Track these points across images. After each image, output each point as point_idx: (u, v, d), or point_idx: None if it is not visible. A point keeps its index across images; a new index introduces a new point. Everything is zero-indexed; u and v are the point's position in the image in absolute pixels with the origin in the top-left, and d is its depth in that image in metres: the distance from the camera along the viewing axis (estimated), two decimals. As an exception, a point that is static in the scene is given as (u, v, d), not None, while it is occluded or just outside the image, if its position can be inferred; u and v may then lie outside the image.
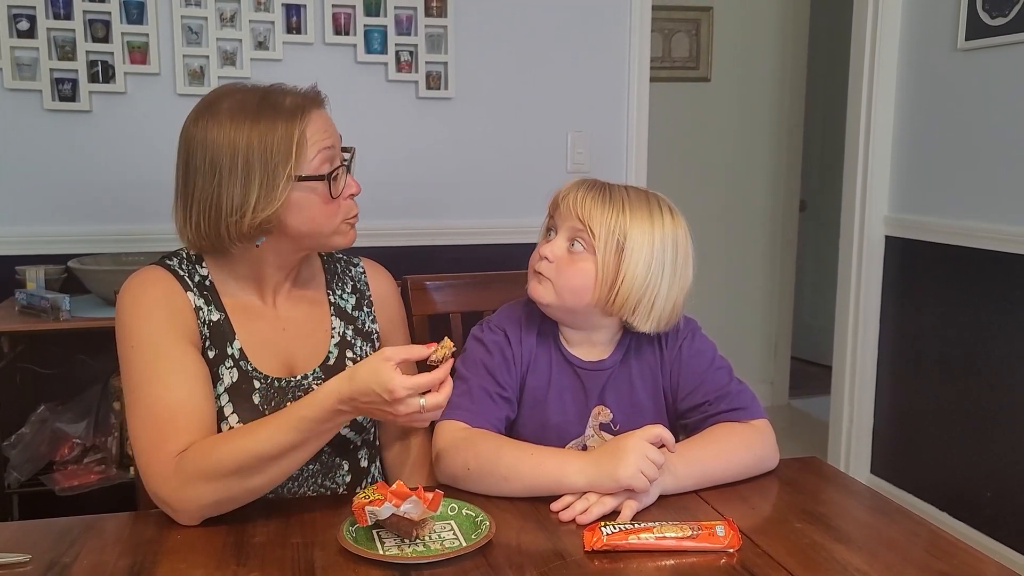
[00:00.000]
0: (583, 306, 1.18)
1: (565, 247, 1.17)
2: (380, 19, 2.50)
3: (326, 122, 1.15)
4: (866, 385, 2.91)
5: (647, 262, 1.14)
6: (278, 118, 1.10)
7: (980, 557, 0.97)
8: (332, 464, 1.25)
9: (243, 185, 1.09)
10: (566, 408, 1.23)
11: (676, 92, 3.71)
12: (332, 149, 1.14)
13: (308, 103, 1.13)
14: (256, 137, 1.09)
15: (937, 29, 2.60)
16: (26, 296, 2.09)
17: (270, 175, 1.09)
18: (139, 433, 1.07)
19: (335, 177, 1.14)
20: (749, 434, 1.18)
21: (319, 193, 1.13)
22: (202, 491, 1.01)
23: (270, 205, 1.09)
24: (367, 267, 1.36)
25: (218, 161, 1.09)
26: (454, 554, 0.93)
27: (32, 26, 2.28)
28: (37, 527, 1.03)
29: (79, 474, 2.14)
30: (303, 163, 1.11)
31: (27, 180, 2.35)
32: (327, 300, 1.28)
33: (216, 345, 1.16)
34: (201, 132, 1.10)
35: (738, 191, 3.88)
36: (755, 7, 3.78)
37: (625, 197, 1.17)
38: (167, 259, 1.19)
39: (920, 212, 2.71)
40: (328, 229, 1.17)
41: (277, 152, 1.09)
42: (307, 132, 1.11)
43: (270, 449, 1.01)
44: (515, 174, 2.68)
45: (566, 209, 1.17)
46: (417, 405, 0.97)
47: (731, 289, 3.92)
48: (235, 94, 1.13)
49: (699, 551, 0.96)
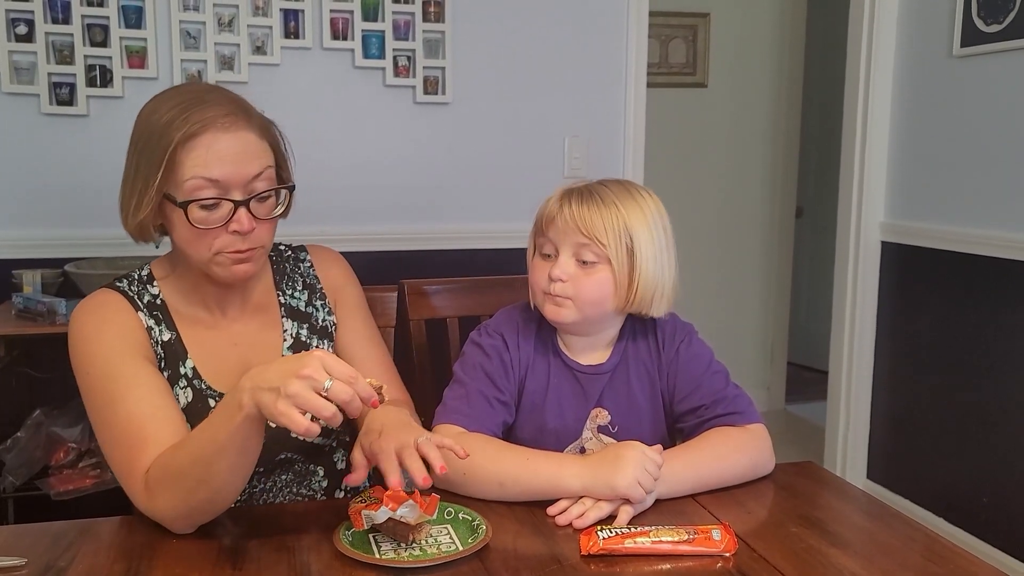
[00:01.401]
0: (604, 314, 1.19)
1: (574, 263, 1.16)
2: (378, 24, 2.50)
3: (222, 152, 1.05)
4: (862, 390, 2.92)
5: (654, 253, 1.16)
6: (168, 128, 1.04)
7: (976, 562, 0.97)
8: (306, 471, 1.23)
9: (131, 182, 1.08)
10: (564, 412, 1.23)
11: (673, 98, 3.73)
12: (214, 183, 1.05)
13: (207, 125, 1.05)
14: (146, 136, 1.06)
15: (932, 36, 2.61)
16: (22, 300, 2.09)
17: (144, 182, 1.06)
18: (111, 455, 1.06)
19: (209, 205, 1.06)
20: (745, 438, 1.18)
21: (182, 218, 1.07)
22: (164, 502, 0.98)
23: (139, 211, 1.07)
24: (314, 257, 1.31)
25: (131, 149, 1.09)
26: (451, 558, 0.93)
27: (30, 30, 2.28)
28: (32, 531, 1.03)
29: (74, 479, 2.13)
30: (172, 182, 1.06)
31: (24, 184, 2.35)
32: (277, 302, 1.24)
33: (169, 365, 1.14)
34: (140, 114, 1.10)
35: (735, 197, 3.89)
36: (752, 13, 3.80)
37: (612, 195, 1.16)
38: (118, 281, 1.18)
39: (916, 218, 2.71)
40: (198, 257, 1.10)
41: (153, 159, 1.05)
42: (181, 152, 1.04)
43: (199, 453, 0.96)
44: (512, 179, 2.68)
45: (564, 226, 1.15)
46: (324, 378, 0.87)
47: (728, 294, 3.93)
48: (178, 90, 1.11)
49: (695, 555, 0.96)
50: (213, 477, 0.96)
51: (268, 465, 1.19)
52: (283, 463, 1.21)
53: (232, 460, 0.95)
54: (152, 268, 1.20)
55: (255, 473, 1.16)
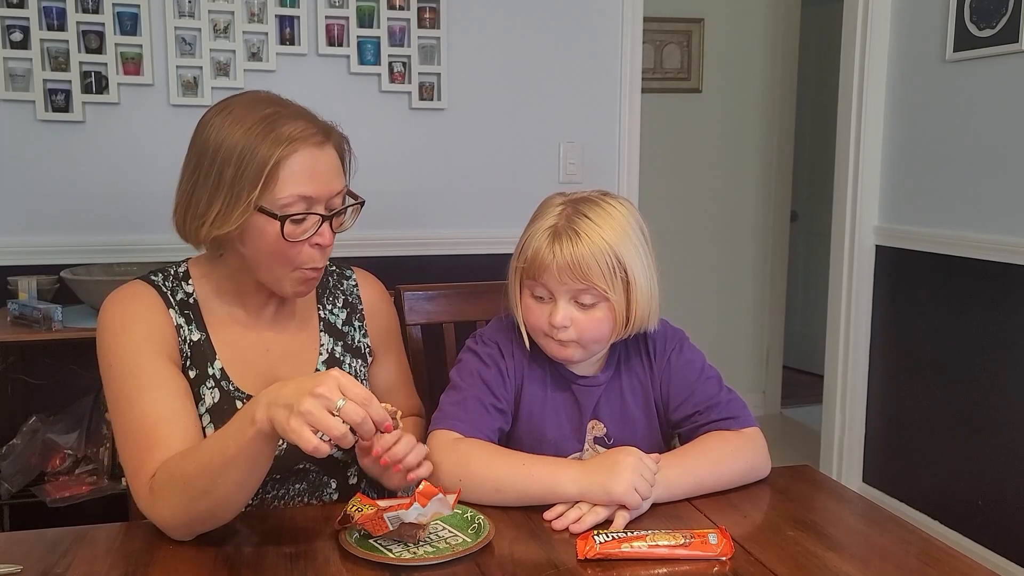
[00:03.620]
0: (606, 344, 1.20)
1: (574, 307, 1.15)
2: (373, 30, 2.51)
3: (317, 168, 1.08)
4: (858, 394, 2.92)
5: (643, 271, 1.16)
6: (265, 140, 1.05)
7: (972, 565, 0.97)
8: (320, 482, 1.23)
9: (210, 193, 1.06)
10: (561, 423, 1.24)
11: (667, 103, 3.74)
12: (309, 199, 1.07)
13: (304, 140, 1.06)
14: (238, 150, 1.05)
15: (925, 41, 2.62)
16: (18, 306, 2.08)
17: (234, 196, 1.05)
18: (123, 453, 1.06)
19: (299, 220, 1.08)
20: (740, 442, 1.18)
21: (275, 229, 1.07)
22: (169, 507, 0.98)
23: (226, 224, 1.06)
24: (359, 278, 1.33)
25: (203, 158, 1.07)
26: (466, 552, 0.94)
27: (26, 37, 2.28)
28: (28, 538, 1.02)
29: (70, 485, 2.13)
30: (269, 196, 1.06)
31: (20, 190, 2.35)
32: (316, 315, 1.26)
33: (196, 365, 1.14)
34: (204, 124, 1.09)
35: (729, 201, 3.90)
36: (746, 18, 3.81)
37: (595, 226, 1.13)
38: (153, 274, 1.17)
39: (910, 222, 2.72)
40: (276, 272, 1.11)
41: (247, 174, 1.04)
42: (282, 168, 1.05)
43: (208, 463, 0.96)
44: (508, 184, 2.69)
45: (560, 274, 1.13)
46: (336, 397, 0.88)
47: (723, 299, 3.93)
48: (254, 100, 1.10)
49: (692, 559, 0.96)
50: (218, 488, 0.95)
51: (284, 473, 1.19)
52: (299, 472, 1.21)
53: (240, 473, 0.95)
54: (189, 266, 1.20)
55: (270, 480, 1.18)
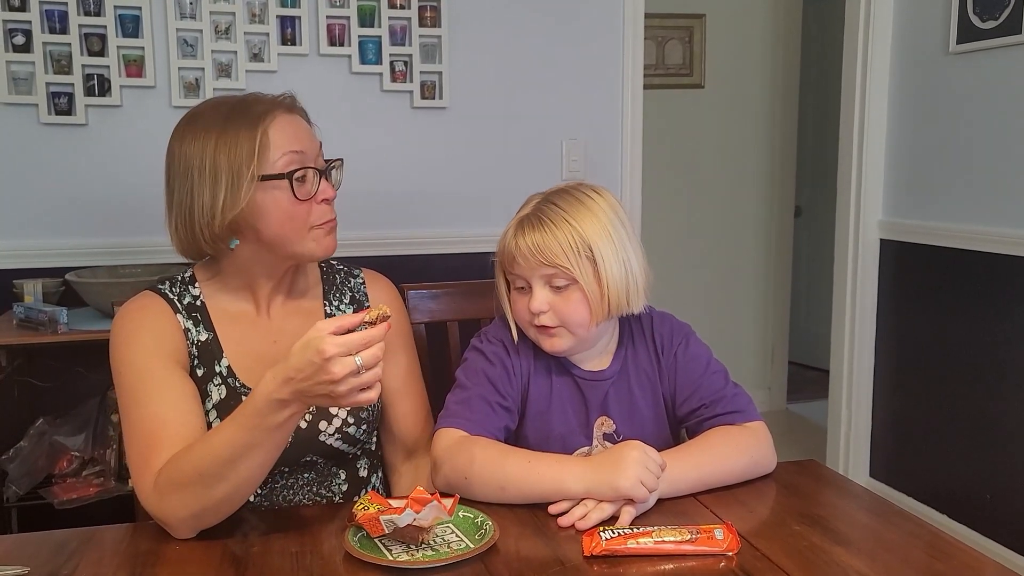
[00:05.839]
0: (591, 330, 1.19)
1: (549, 291, 1.17)
2: (374, 30, 2.50)
3: (296, 127, 1.17)
4: (863, 388, 2.92)
5: (614, 252, 1.16)
6: (243, 122, 1.13)
7: (980, 558, 0.97)
8: (328, 472, 1.25)
9: (212, 188, 1.12)
10: (568, 419, 1.24)
11: (670, 99, 3.73)
12: (301, 154, 1.15)
13: (275, 107, 1.16)
14: (223, 142, 1.12)
15: (928, 33, 2.61)
16: (24, 309, 2.09)
17: (235, 176, 1.11)
18: (130, 453, 1.09)
19: (301, 177, 1.15)
20: (745, 437, 1.18)
21: (284, 194, 1.14)
22: (176, 503, 1.00)
23: (236, 204, 1.12)
24: (367, 277, 1.35)
25: (191, 168, 1.13)
26: (465, 556, 0.94)
27: (28, 40, 2.28)
28: (35, 539, 1.03)
29: (77, 487, 2.13)
30: (266, 164, 1.13)
31: (24, 193, 2.35)
32: (323, 312, 1.28)
33: (204, 364, 1.18)
34: (178, 143, 1.15)
35: (733, 197, 3.89)
36: (747, 14, 3.80)
37: (561, 212, 1.16)
38: (160, 284, 1.23)
39: (914, 216, 2.72)
40: (297, 234, 1.16)
41: (240, 154, 1.11)
42: (270, 133, 1.13)
43: (224, 452, 0.99)
44: (511, 183, 2.68)
45: (526, 261, 1.16)
46: (352, 363, 0.92)
47: (727, 295, 3.93)
48: (213, 106, 1.17)
49: (698, 555, 0.96)
50: (238, 473, 0.99)
51: (292, 465, 1.21)
52: (306, 464, 1.23)
53: (263, 456, 1.00)
54: (195, 271, 1.25)
55: (279, 471, 1.21)
